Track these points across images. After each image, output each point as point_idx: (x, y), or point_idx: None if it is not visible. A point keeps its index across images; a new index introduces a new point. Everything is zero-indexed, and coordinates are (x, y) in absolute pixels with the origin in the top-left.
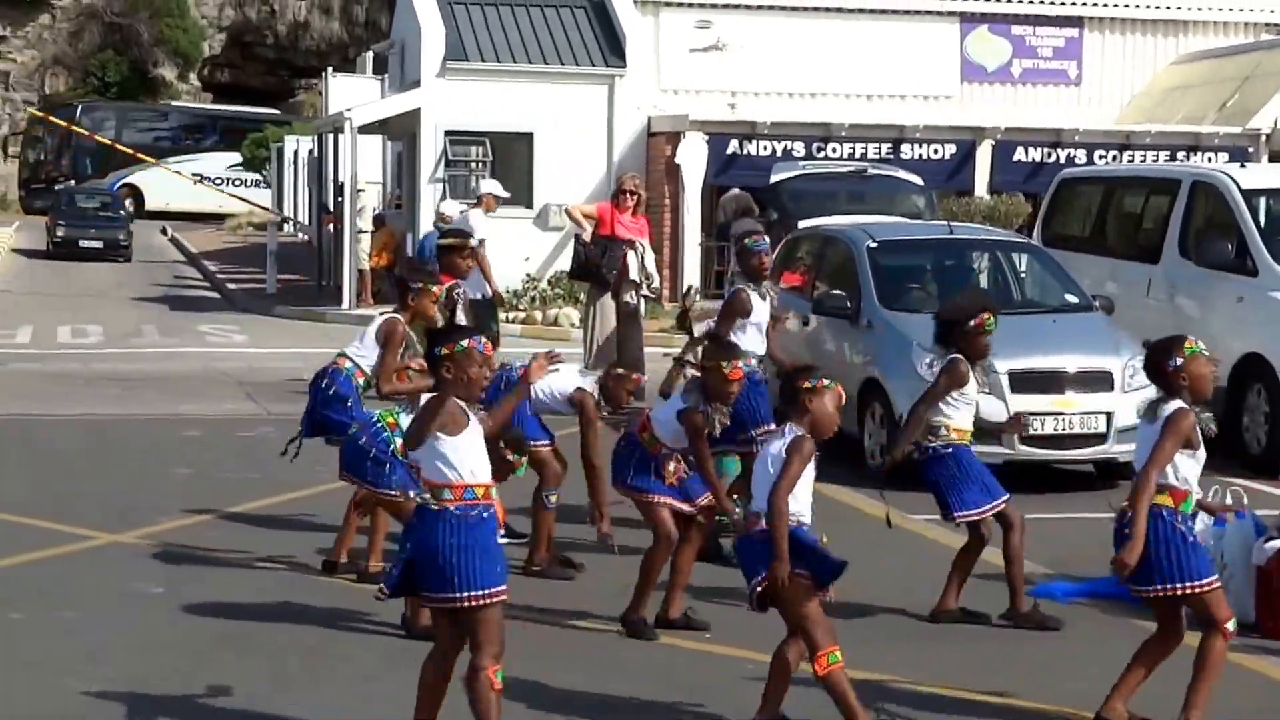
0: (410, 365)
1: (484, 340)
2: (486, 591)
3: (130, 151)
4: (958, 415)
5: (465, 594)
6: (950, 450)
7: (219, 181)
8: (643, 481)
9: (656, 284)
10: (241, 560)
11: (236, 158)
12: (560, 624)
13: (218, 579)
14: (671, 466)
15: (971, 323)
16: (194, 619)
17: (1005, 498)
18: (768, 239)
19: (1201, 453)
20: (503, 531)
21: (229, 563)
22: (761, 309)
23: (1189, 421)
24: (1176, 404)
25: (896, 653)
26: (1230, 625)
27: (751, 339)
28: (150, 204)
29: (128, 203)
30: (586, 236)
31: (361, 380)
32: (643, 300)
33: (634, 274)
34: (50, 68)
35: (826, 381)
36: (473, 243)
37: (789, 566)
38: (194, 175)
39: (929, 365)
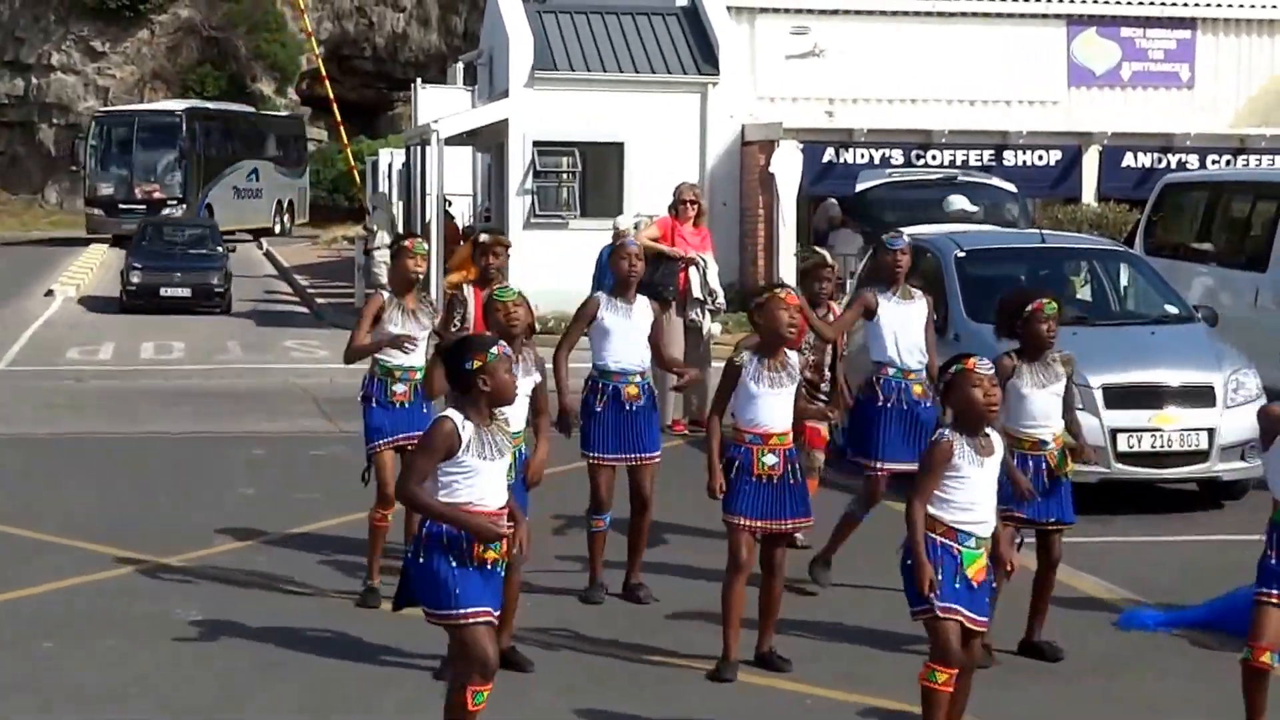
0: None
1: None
2: (430, 611)
3: None
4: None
5: (427, 610)
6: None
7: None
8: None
9: (722, 300)
10: (286, 586)
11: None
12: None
13: (260, 605)
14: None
15: (1029, 308)
16: (231, 648)
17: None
18: (906, 237)
19: None
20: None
21: (273, 588)
22: (897, 312)
23: None
24: None
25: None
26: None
27: (888, 346)
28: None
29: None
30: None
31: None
32: (709, 315)
33: (697, 291)
34: (149, 82)
35: (955, 367)
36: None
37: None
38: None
39: None
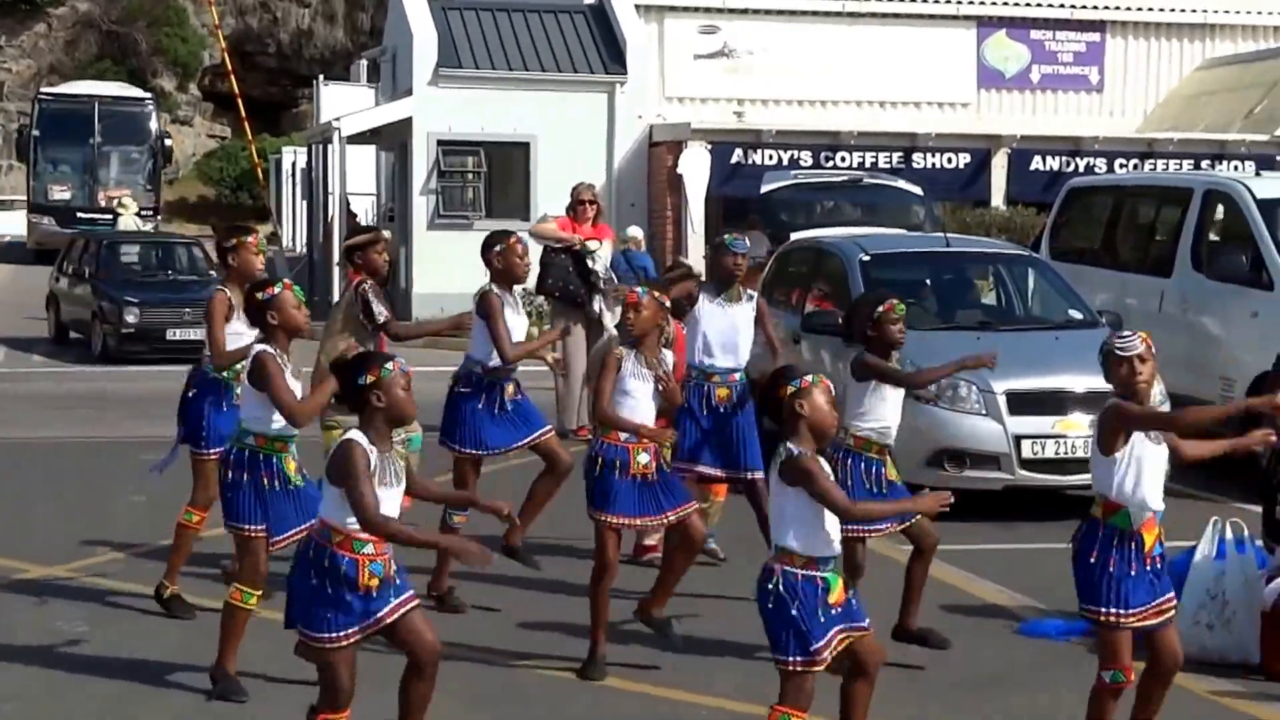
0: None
1: (403, 361)
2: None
3: None
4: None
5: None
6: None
7: None
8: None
9: (615, 282)
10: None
11: None
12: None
13: (146, 617)
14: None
15: (880, 308)
16: (118, 662)
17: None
18: (747, 240)
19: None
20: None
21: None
22: (726, 316)
23: None
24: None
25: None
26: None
27: (722, 354)
28: None
29: None
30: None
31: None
32: (606, 306)
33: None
34: (46, 77)
35: (810, 377)
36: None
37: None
38: None
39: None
